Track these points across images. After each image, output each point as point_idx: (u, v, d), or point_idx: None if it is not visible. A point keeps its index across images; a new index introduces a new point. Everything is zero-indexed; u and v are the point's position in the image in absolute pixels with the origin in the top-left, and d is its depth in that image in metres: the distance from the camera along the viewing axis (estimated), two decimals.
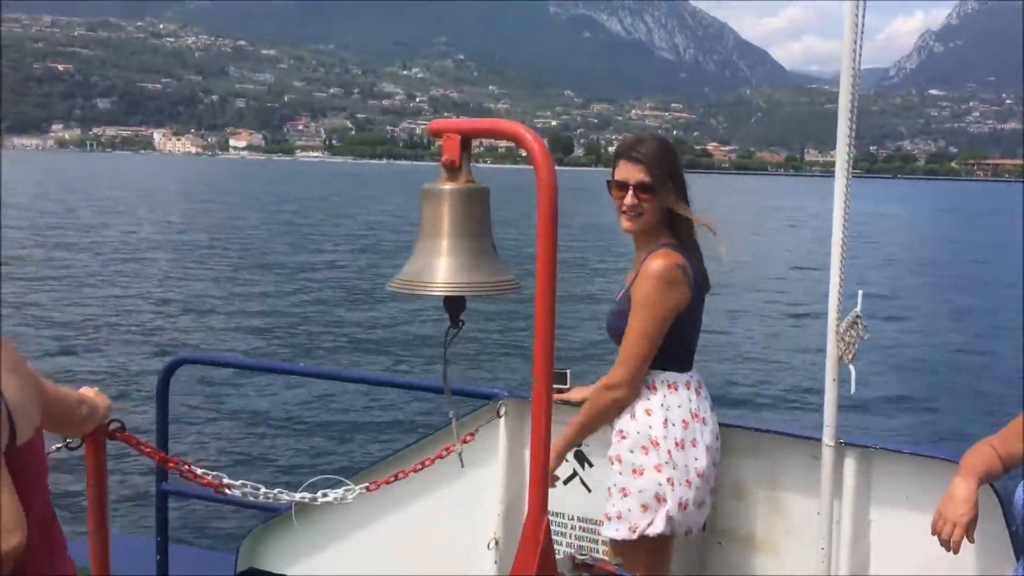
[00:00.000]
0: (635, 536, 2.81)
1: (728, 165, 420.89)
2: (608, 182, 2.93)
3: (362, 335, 16.45)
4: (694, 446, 2.82)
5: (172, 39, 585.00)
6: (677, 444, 2.80)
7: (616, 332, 2.92)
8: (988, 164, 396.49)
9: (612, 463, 2.89)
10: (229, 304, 19.33)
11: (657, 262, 2.81)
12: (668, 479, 2.79)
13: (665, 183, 2.86)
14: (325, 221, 45.70)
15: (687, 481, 2.80)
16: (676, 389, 2.87)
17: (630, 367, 2.82)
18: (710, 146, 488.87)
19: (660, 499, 2.79)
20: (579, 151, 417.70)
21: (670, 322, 2.82)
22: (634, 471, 2.82)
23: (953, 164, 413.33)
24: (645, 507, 2.80)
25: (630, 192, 2.87)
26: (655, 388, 2.87)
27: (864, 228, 48.24)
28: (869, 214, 62.63)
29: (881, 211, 73.55)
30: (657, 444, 2.81)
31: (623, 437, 2.87)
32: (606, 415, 2.89)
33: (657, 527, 2.79)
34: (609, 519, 2.87)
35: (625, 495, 2.83)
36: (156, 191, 70.94)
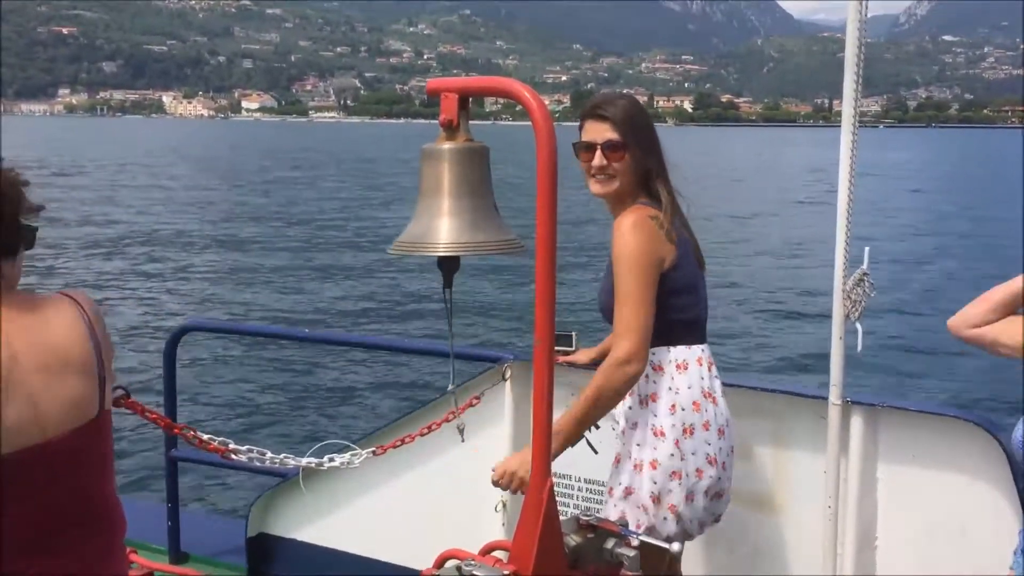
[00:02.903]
0: (647, 538, 2.56)
1: (756, 117, 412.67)
2: (574, 145, 2.72)
3: (367, 299, 16.46)
4: (706, 429, 2.60)
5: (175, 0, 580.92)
6: (686, 431, 2.59)
7: (605, 309, 2.70)
8: (1022, 111, 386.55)
9: (617, 461, 2.71)
10: (236, 270, 19.35)
11: (625, 217, 2.61)
12: (673, 472, 2.59)
13: (635, 142, 2.67)
14: (337, 184, 45.52)
15: (698, 471, 2.59)
16: (686, 368, 2.63)
17: (636, 334, 2.51)
18: (724, 98, 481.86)
19: (664, 496, 2.60)
20: None
21: (656, 275, 2.57)
22: (635, 466, 2.63)
23: (987, 111, 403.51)
24: (645, 508, 2.61)
25: (598, 152, 2.67)
26: (662, 369, 2.64)
27: (880, 178, 47.88)
28: (883, 163, 62.00)
29: (905, 160, 72.83)
30: (663, 434, 2.59)
31: (633, 427, 2.67)
32: (620, 395, 2.59)
33: (667, 528, 2.60)
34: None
35: (629, 494, 2.65)
36: (176, 155, 70.59)
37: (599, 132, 2.68)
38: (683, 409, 2.60)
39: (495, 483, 2.66)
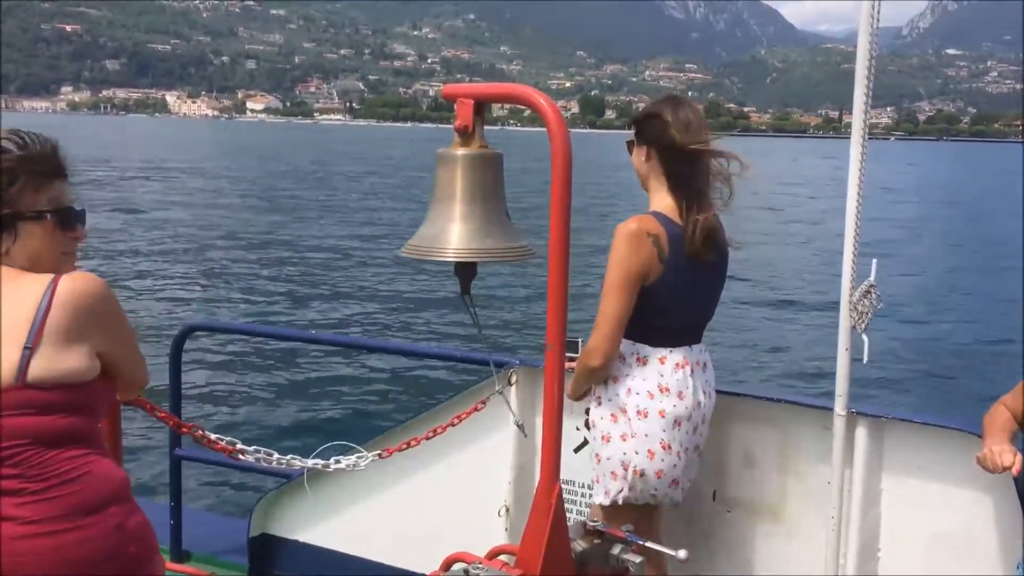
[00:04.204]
0: (609, 501, 2.85)
1: (765, 127, 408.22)
2: None
3: (375, 302, 16.44)
4: (661, 416, 2.80)
5: None
6: (639, 413, 2.81)
7: None
8: None
9: (589, 427, 2.94)
10: (243, 271, 19.34)
11: (627, 224, 2.79)
12: (632, 449, 2.82)
13: (646, 144, 2.88)
14: (343, 186, 45.45)
15: (649, 451, 2.80)
16: (645, 363, 2.84)
17: (600, 330, 2.79)
18: (728, 106, 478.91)
19: (625, 466, 2.82)
20: (610, 113, 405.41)
21: (637, 284, 2.76)
22: (603, 437, 2.86)
23: (998, 125, 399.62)
24: (614, 474, 2.84)
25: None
26: (624, 358, 2.87)
27: (889, 191, 47.78)
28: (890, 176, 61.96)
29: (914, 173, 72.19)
30: (623, 412, 2.83)
31: (598, 404, 2.90)
32: (586, 378, 2.90)
33: (622, 494, 2.84)
34: (593, 484, 2.94)
35: (599, 461, 2.88)
36: (186, 155, 70.21)
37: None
38: (638, 394, 2.83)
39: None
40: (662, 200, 2.86)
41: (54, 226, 2.05)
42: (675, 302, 2.85)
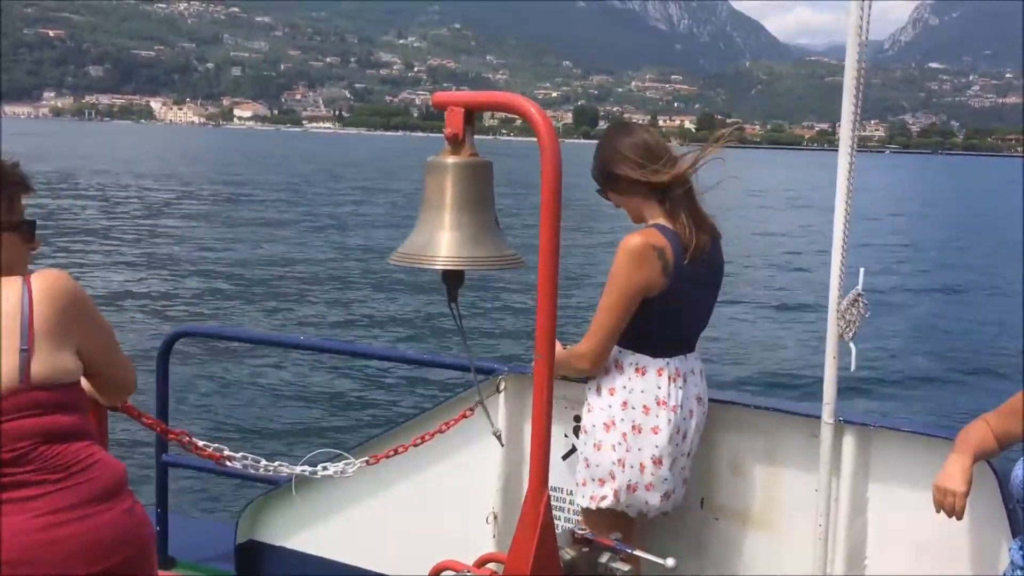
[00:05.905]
0: (595, 506, 2.90)
1: (760, 140, 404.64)
2: None
3: (365, 308, 16.43)
4: (655, 433, 2.83)
5: (164, 5, 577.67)
6: (634, 428, 2.84)
7: None
8: None
9: (581, 433, 2.99)
10: (232, 276, 19.28)
11: (633, 239, 2.81)
12: (619, 460, 2.85)
13: (612, 188, 2.96)
14: (332, 193, 45.31)
15: (640, 465, 2.84)
16: (643, 374, 2.86)
17: (593, 338, 2.85)
18: (715, 117, 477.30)
19: (612, 476, 2.87)
20: (603, 124, 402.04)
21: (637, 299, 2.80)
22: (595, 445, 2.90)
23: (991, 140, 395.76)
24: (601, 481, 2.88)
25: None
26: (622, 368, 2.89)
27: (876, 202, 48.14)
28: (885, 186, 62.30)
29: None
30: (614, 424, 2.86)
31: (589, 410, 2.94)
32: (566, 373, 2.99)
33: (607, 502, 2.88)
34: (578, 486, 2.98)
35: (587, 466, 2.93)
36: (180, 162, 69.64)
37: None
38: (633, 408, 2.85)
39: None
40: (656, 217, 2.90)
41: (23, 237, 2.14)
42: (678, 313, 2.90)
